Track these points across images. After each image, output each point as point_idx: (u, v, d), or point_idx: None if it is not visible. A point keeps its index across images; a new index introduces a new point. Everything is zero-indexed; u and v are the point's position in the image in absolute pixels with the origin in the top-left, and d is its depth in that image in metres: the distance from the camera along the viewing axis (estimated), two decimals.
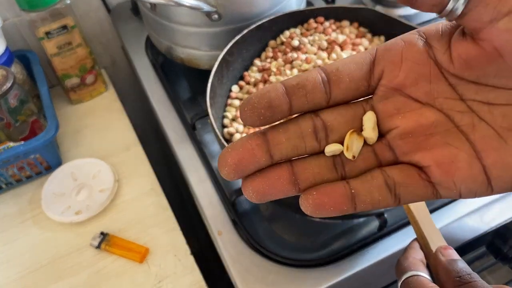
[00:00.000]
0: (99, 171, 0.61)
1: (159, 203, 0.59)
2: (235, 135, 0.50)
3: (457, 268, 0.27)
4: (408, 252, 0.31)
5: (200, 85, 0.63)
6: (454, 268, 0.27)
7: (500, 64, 0.18)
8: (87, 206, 0.58)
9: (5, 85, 0.55)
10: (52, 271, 0.54)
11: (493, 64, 0.18)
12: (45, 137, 0.57)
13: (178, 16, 0.57)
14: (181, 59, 0.63)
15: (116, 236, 0.55)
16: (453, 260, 0.27)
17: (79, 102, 0.72)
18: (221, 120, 0.52)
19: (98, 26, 0.77)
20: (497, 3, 0.17)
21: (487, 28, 0.17)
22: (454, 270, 0.27)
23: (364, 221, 0.50)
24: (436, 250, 0.29)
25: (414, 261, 0.30)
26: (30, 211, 0.59)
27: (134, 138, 0.67)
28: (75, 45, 0.65)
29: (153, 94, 0.66)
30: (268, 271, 0.46)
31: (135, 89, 0.83)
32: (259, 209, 0.53)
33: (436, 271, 0.28)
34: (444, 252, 0.28)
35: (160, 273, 0.52)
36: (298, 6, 0.62)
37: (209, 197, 0.53)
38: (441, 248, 0.29)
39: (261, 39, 0.56)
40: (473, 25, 0.18)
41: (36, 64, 0.67)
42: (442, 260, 0.28)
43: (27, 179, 0.62)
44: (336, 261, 0.46)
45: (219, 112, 0.52)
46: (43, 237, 0.57)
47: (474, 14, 0.18)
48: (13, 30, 0.69)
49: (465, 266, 0.27)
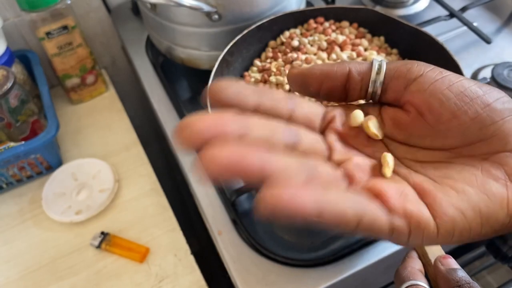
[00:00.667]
0: (99, 171, 0.61)
1: (160, 203, 0.59)
2: None
3: (456, 277, 0.27)
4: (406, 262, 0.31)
5: (200, 85, 0.62)
6: (453, 277, 0.27)
7: (422, 124, 0.21)
8: (87, 206, 0.58)
9: (5, 85, 0.55)
10: (52, 271, 0.54)
11: (416, 124, 0.21)
12: (46, 137, 0.57)
13: (178, 16, 0.57)
14: (181, 59, 0.63)
15: (116, 236, 0.55)
16: (452, 269, 0.28)
17: (80, 102, 0.72)
18: None
19: (99, 26, 0.78)
20: (406, 74, 0.21)
21: (404, 94, 0.21)
22: (453, 279, 0.27)
23: None
24: (435, 259, 0.29)
25: (413, 270, 0.30)
26: (30, 211, 0.60)
27: (134, 138, 0.67)
28: (75, 45, 0.65)
29: (153, 94, 0.66)
30: (268, 271, 0.46)
31: (135, 89, 0.83)
32: None
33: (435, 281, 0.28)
34: (443, 261, 0.29)
35: (160, 273, 0.52)
36: (298, 6, 0.62)
37: (209, 197, 0.53)
38: (440, 257, 0.29)
39: (261, 39, 0.56)
40: (394, 96, 0.22)
41: (36, 64, 0.67)
42: (441, 269, 0.28)
43: (28, 179, 0.62)
44: (335, 260, 0.46)
45: None
46: (43, 237, 0.57)
47: (391, 88, 0.22)
48: (14, 30, 0.69)
49: (464, 275, 0.27)
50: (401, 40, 0.52)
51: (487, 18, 0.69)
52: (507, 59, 0.62)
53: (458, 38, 0.66)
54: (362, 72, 0.22)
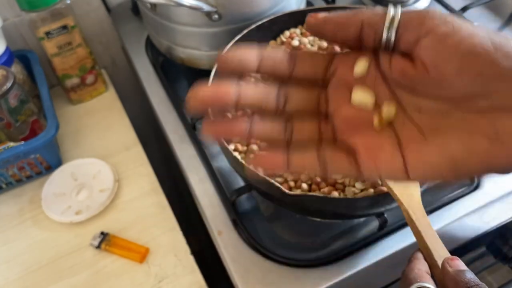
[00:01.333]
0: (99, 171, 0.61)
1: (159, 203, 0.59)
2: None
3: (465, 279, 0.27)
4: (413, 263, 0.31)
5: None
6: (462, 279, 0.27)
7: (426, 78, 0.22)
8: (87, 206, 0.58)
9: (5, 85, 0.55)
10: (52, 271, 0.54)
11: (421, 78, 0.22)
12: (45, 137, 0.57)
13: (178, 16, 0.57)
14: (181, 59, 0.63)
15: (116, 236, 0.55)
16: (460, 270, 0.28)
17: (79, 102, 0.72)
18: None
19: (98, 26, 0.78)
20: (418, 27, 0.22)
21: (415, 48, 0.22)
22: (462, 281, 0.27)
23: (364, 221, 0.50)
24: (443, 261, 0.29)
25: (420, 272, 0.30)
26: (30, 211, 0.60)
27: (134, 138, 0.67)
28: (75, 45, 0.65)
29: (153, 94, 0.66)
30: (268, 271, 0.46)
31: (135, 89, 0.83)
32: (260, 209, 0.53)
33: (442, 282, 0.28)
34: (451, 263, 0.29)
35: (160, 273, 0.52)
36: (298, 6, 0.62)
37: (209, 197, 0.53)
38: (448, 259, 0.29)
39: (261, 39, 0.56)
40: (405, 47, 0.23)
41: (36, 64, 0.67)
42: (449, 271, 0.28)
43: (27, 179, 0.62)
44: (336, 261, 0.46)
45: None
46: (43, 237, 0.57)
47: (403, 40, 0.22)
48: (13, 30, 0.69)
49: (473, 276, 0.27)
50: None
51: (488, 18, 0.69)
52: None
53: None
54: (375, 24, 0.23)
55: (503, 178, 0.51)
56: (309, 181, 0.44)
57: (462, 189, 0.50)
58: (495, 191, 0.50)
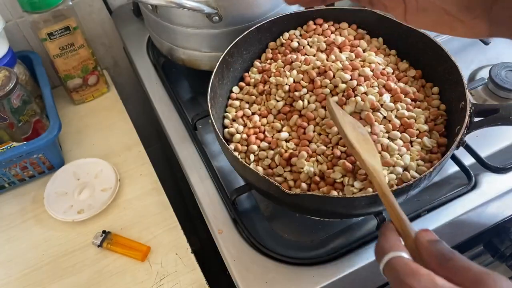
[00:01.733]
0: (101, 170, 0.62)
1: (161, 202, 0.59)
2: (236, 135, 0.50)
3: (438, 247, 0.28)
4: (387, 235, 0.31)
5: (201, 86, 0.63)
6: (436, 247, 0.28)
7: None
8: (89, 205, 0.58)
9: (8, 86, 0.55)
10: (54, 269, 0.54)
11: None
12: (48, 137, 0.58)
13: (179, 17, 0.58)
14: (182, 60, 0.64)
15: (118, 235, 0.56)
16: (434, 240, 0.29)
17: (81, 103, 0.73)
18: (222, 120, 0.53)
19: (100, 27, 0.78)
20: None
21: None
22: (436, 249, 0.28)
23: (362, 219, 0.51)
24: (417, 233, 0.30)
25: (396, 242, 0.30)
26: (32, 210, 0.60)
27: (135, 138, 0.68)
28: (77, 46, 0.66)
29: (154, 94, 0.66)
30: (268, 269, 0.47)
31: (136, 90, 0.84)
32: (259, 208, 0.53)
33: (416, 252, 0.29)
34: (424, 234, 0.30)
35: (161, 271, 0.53)
36: (297, 8, 0.63)
37: (209, 196, 0.53)
38: (421, 231, 0.30)
39: (261, 41, 0.56)
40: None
41: (38, 65, 0.67)
42: (423, 241, 0.29)
43: (30, 178, 0.63)
44: (335, 259, 0.47)
45: (219, 113, 0.52)
46: (45, 236, 0.57)
47: None
48: (16, 31, 0.69)
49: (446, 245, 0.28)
50: (399, 41, 0.53)
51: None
52: (504, 59, 0.62)
53: (456, 39, 0.66)
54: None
55: (499, 178, 0.51)
56: (308, 180, 0.45)
57: (460, 188, 0.51)
58: (492, 190, 0.50)
